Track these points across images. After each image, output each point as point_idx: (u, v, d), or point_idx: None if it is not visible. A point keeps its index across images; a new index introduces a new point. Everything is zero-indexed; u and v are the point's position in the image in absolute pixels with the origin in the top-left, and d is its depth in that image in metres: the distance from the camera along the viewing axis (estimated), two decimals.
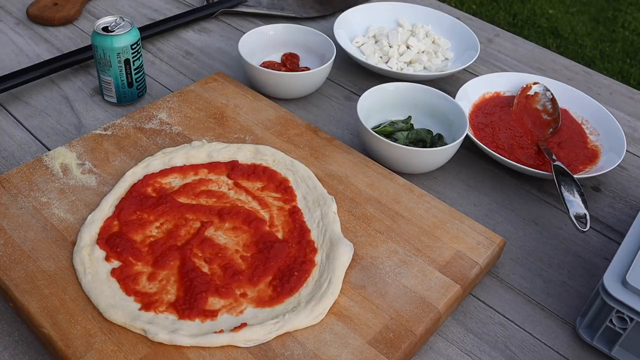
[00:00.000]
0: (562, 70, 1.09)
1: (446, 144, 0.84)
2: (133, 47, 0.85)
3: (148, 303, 0.59)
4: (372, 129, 0.83)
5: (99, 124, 0.87)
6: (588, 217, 0.71)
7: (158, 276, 0.62)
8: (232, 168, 0.75)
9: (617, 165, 0.82)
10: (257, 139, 0.80)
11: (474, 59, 0.99)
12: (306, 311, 0.59)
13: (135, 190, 0.70)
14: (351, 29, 1.07)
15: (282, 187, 0.73)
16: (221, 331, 0.57)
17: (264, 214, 0.70)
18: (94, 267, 0.62)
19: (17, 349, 0.60)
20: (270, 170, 0.74)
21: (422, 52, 1.03)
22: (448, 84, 1.00)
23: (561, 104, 0.93)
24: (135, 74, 0.88)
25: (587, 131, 0.90)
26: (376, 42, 1.05)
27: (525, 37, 1.52)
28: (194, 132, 0.81)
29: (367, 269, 0.65)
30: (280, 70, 0.96)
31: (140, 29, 1.02)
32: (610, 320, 0.60)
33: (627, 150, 0.91)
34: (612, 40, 2.71)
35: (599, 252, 0.75)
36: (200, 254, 0.64)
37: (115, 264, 0.63)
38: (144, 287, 0.61)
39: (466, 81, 0.93)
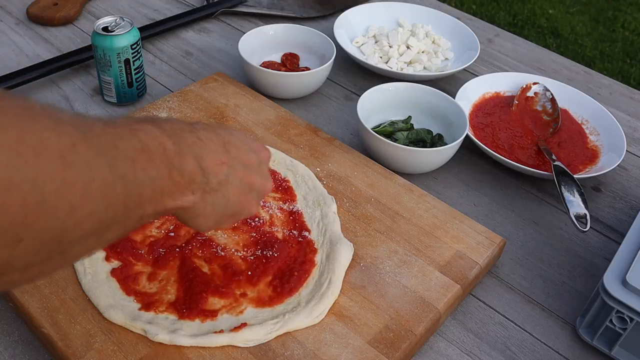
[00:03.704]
0: (562, 70, 1.09)
1: (446, 144, 0.84)
2: (133, 47, 0.85)
3: (148, 303, 0.59)
4: (372, 129, 0.83)
5: None
6: (588, 217, 0.71)
7: (158, 276, 0.62)
8: None
9: (617, 165, 0.82)
10: (257, 139, 0.80)
11: (474, 59, 0.99)
12: (306, 311, 0.59)
13: None
14: (351, 29, 1.07)
15: (282, 187, 0.73)
16: (221, 331, 0.57)
17: (264, 214, 0.70)
18: (94, 267, 0.62)
19: (17, 349, 0.60)
20: (270, 170, 0.74)
21: (422, 52, 1.03)
22: (448, 84, 1.00)
23: (561, 104, 0.93)
24: (135, 74, 0.88)
25: (587, 131, 0.90)
26: (376, 42, 1.05)
27: (525, 37, 1.52)
28: None
29: (367, 269, 0.65)
30: (280, 70, 0.96)
31: (140, 29, 1.02)
32: (610, 320, 0.60)
33: (627, 150, 0.91)
34: (612, 40, 2.71)
35: (599, 252, 0.75)
36: (200, 254, 0.64)
37: (115, 263, 0.63)
38: (144, 287, 0.61)
39: (466, 81, 0.93)
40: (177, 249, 0.65)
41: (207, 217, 0.46)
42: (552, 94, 0.93)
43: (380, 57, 1.02)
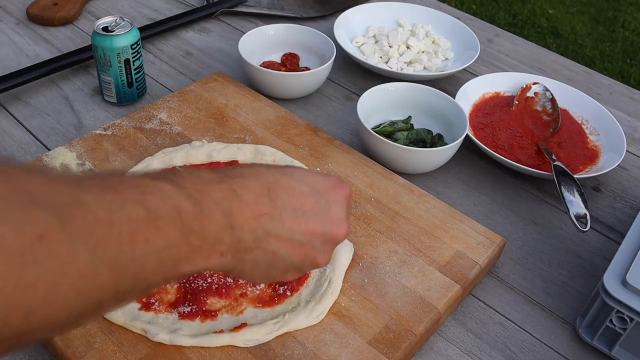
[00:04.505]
0: (562, 70, 1.09)
1: (446, 144, 0.84)
2: (133, 47, 0.85)
3: (148, 303, 0.59)
4: (372, 129, 0.83)
5: (99, 124, 0.87)
6: (588, 217, 0.71)
7: None
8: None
9: (617, 165, 0.82)
10: (257, 139, 0.80)
11: (474, 59, 0.99)
12: (306, 311, 0.59)
13: None
14: (351, 29, 1.07)
15: None
16: (221, 331, 0.57)
17: None
18: None
19: None
20: None
21: (422, 52, 1.03)
22: (448, 84, 1.00)
23: (561, 104, 0.93)
24: (135, 74, 0.88)
25: (587, 131, 0.90)
26: (376, 42, 1.05)
27: (525, 37, 1.52)
28: (194, 132, 0.81)
29: (367, 269, 0.65)
30: (280, 70, 0.96)
31: (140, 29, 1.02)
32: (610, 320, 0.60)
33: (627, 150, 0.91)
34: (612, 40, 2.71)
35: (599, 252, 0.75)
36: None
37: None
38: None
39: (466, 81, 0.93)
40: None
41: (251, 273, 0.42)
42: (552, 94, 0.93)
43: (380, 57, 1.02)
